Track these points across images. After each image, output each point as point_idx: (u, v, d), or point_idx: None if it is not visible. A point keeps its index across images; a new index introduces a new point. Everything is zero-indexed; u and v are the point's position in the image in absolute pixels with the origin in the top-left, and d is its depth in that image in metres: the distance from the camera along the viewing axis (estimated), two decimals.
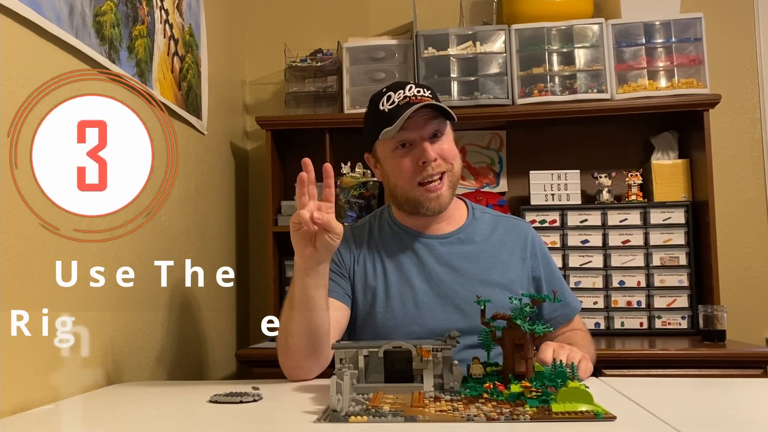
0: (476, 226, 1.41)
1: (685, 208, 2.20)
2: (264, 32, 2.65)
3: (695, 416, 0.91)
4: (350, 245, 1.39)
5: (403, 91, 1.30)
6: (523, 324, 1.00)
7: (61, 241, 1.21)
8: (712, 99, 2.15)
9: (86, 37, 1.31)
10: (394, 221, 1.42)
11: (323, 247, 1.12)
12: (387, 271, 1.36)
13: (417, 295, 1.32)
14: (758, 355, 1.89)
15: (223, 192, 2.30)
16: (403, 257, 1.36)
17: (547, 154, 2.44)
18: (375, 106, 1.33)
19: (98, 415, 1.02)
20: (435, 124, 1.30)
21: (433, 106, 1.28)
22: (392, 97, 1.30)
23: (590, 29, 2.27)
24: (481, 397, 0.96)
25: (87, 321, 1.30)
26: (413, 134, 1.29)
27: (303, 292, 1.15)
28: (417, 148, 1.29)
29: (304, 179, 1.12)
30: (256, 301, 2.54)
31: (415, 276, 1.34)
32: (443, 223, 1.39)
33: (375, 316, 1.33)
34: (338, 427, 0.84)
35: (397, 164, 1.31)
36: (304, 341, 1.18)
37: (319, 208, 1.11)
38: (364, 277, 1.37)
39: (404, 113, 1.25)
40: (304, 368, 1.21)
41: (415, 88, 1.31)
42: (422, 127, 1.29)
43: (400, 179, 1.32)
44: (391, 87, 1.34)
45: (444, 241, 1.37)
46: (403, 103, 1.28)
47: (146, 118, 1.63)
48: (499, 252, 1.37)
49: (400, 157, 1.31)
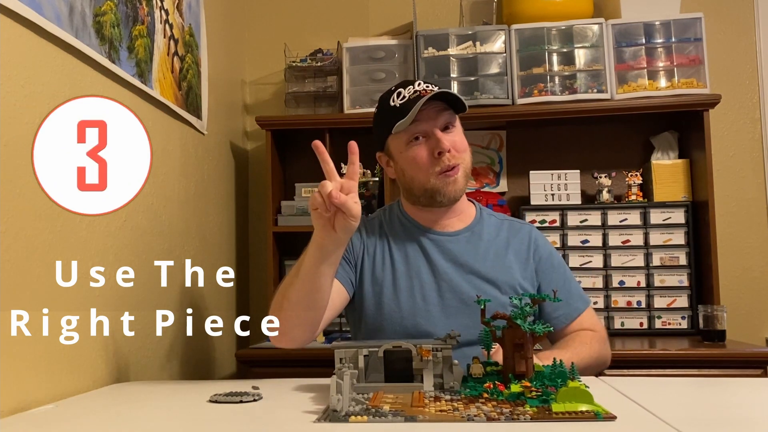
0: (483, 225, 1.42)
1: (685, 208, 2.20)
2: (264, 32, 2.65)
3: (695, 416, 0.91)
4: (362, 235, 1.41)
5: (412, 87, 1.33)
6: (523, 324, 1.00)
7: (61, 241, 1.21)
8: (712, 99, 2.15)
9: (86, 37, 1.31)
10: (405, 215, 1.43)
11: (341, 229, 1.10)
12: (396, 263, 1.37)
13: (424, 288, 1.34)
14: (758, 355, 1.89)
15: (223, 192, 2.30)
16: (412, 251, 1.38)
17: (547, 154, 2.44)
18: (385, 104, 1.36)
19: (98, 415, 1.02)
20: (446, 115, 1.32)
21: (444, 98, 1.30)
22: (402, 93, 1.33)
23: (590, 29, 2.27)
24: (481, 396, 0.96)
25: (87, 321, 1.30)
26: (426, 126, 1.30)
27: (312, 266, 1.16)
28: (431, 139, 1.31)
29: (320, 146, 1.12)
30: (256, 301, 2.54)
31: (422, 270, 1.35)
32: (454, 219, 1.40)
33: (382, 307, 1.34)
34: (338, 427, 0.84)
35: (413, 156, 1.32)
36: (299, 311, 1.19)
37: (342, 187, 1.08)
38: (372, 268, 1.38)
39: (417, 104, 1.26)
40: (289, 335, 1.22)
41: (423, 83, 1.34)
42: (435, 118, 1.31)
43: (417, 171, 1.33)
44: (400, 85, 1.36)
45: (452, 238, 1.39)
46: (414, 97, 1.30)
47: (146, 118, 1.64)
48: (505, 252, 1.38)
49: (415, 150, 1.32)
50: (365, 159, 2.33)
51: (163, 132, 1.74)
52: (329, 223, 1.10)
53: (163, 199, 1.72)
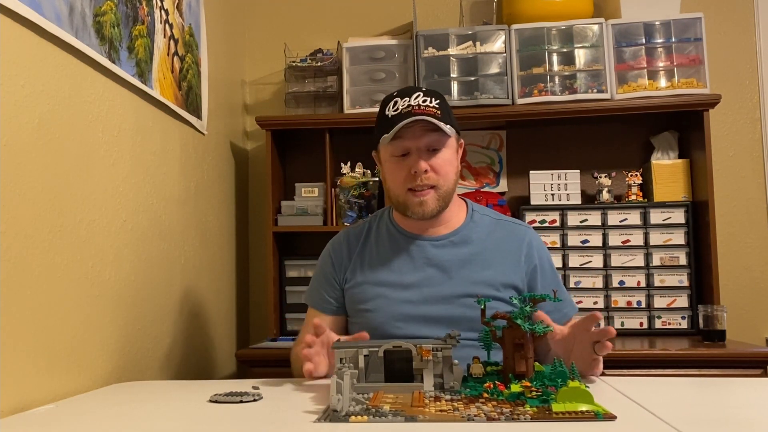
0: (472, 228, 1.42)
1: (685, 208, 2.20)
2: (264, 32, 2.65)
3: (695, 416, 0.91)
4: (342, 253, 1.45)
5: (408, 99, 1.32)
6: (523, 324, 1.00)
7: (61, 241, 1.21)
8: (712, 99, 2.15)
9: (86, 37, 1.31)
10: (392, 222, 1.46)
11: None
12: (379, 269, 1.39)
13: (406, 294, 1.35)
14: (758, 355, 1.89)
15: (223, 192, 2.30)
16: (396, 258, 1.40)
17: (547, 154, 2.44)
18: (383, 110, 1.37)
19: (98, 415, 1.02)
20: (433, 136, 1.32)
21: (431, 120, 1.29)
22: (398, 104, 1.33)
23: (590, 29, 2.27)
24: (482, 396, 0.96)
25: (87, 321, 1.30)
26: (409, 144, 1.32)
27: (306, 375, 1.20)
28: (411, 157, 1.33)
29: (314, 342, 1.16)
30: (256, 301, 2.54)
31: (405, 276, 1.37)
32: (440, 226, 1.41)
33: (364, 312, 1.37)
34: (338, 427, 0.84)
35: (391, 169, 1.37)
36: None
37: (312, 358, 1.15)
38: (355, 275, 1.41)
39: (399, 123, 1.28)
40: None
41: (422, 96, 1.33)
42: (419, 137, 1.32)
43: (393, 184, 1.38)
44: (401, 92, 1.36)
45: (437, 243, 1.40)
46: (405, 112, 1.30)
47: (146, 118, 1.64)
48: (493, 254, 1.38)
49: (395, 163, 1.36)
50: (366, 159, 2.36)
51: (163, 132, 1.74)
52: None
53: (163, 200, 1.72)
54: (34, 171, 1.14)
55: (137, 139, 1.57)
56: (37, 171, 1.15)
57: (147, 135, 1.63)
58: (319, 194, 2.36)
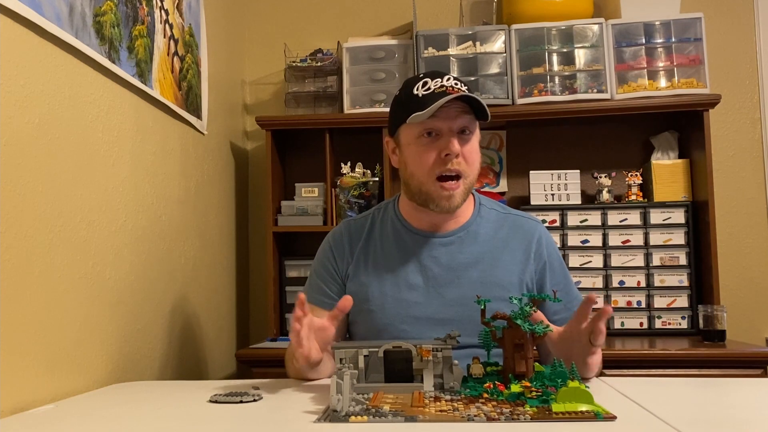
0: (480, 223, 1.38)
1: (685, 208, 2.20)
2: (264, 32, 2.65)
3: (695, 416, 0.91)
4: (344, 247, 1.39)
5: (440, 80, 1.27)
6: (523, 324, 1.00)
7: (61, 241, 1.21)
8: (712, 99, 2.15)
9: (86, 37, 1.31)
10: (398, 216, 1.39)
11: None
12: (383, 268, 1.34)
13: (412, 294, 1.31)
14: (758, 355, 1.89)
15: (223, 192, 2.30)
16: (402, 256, 1.35)
17: (547, 154, 2.44)
18: (409, 90, 1.29)
19: (98, 415, 1.02)
20: (466, 119, 1.27)
21: (468, 102, 1.25)
22: (428, 84, 1.27)
23: (590, 29, 2.27)
24: (481, 397, 0.96)
25: (87, 321, 1.30)
26: (442, 124, 1.25)
27: (303, 369, 1.17)
28: (443, 139, 1.26)
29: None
30: (256, 301, 2.54)
31: (412, 276, 1.33)
32: (450, 221, 1.36)
33: (368, 313, 1.32)
34: (338, 427, 0.84)
35: (418, 152, 1.28)
36: (308, 372, 1.21)
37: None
38: (357, 274, 1.36)
39: (439, 100, 1.21)
40: (308, 378, 1.24)
41: (453, 79, 1.28)
42: (453, 119, 1.25)
43: (418, 168, 1.28)
44: (429, 74, 1.31)
45: (444, 242, 1.35)
46: (439, 92, 1.24)
47: (146, 118, 1.64)
48: (501, 253, 1.34)
49: (424, 145, 1.27)
50: (366, 159, 2.36)
51: (163, 132, 1.74)
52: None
53: (163, 199, 1.72)
54: (34, 171, 1.14)
55: (137, 139, 1.57)
56: (37, 171, 1.15)
57: (147, 135, 1.63)
58: (319, 194, 2.36)
